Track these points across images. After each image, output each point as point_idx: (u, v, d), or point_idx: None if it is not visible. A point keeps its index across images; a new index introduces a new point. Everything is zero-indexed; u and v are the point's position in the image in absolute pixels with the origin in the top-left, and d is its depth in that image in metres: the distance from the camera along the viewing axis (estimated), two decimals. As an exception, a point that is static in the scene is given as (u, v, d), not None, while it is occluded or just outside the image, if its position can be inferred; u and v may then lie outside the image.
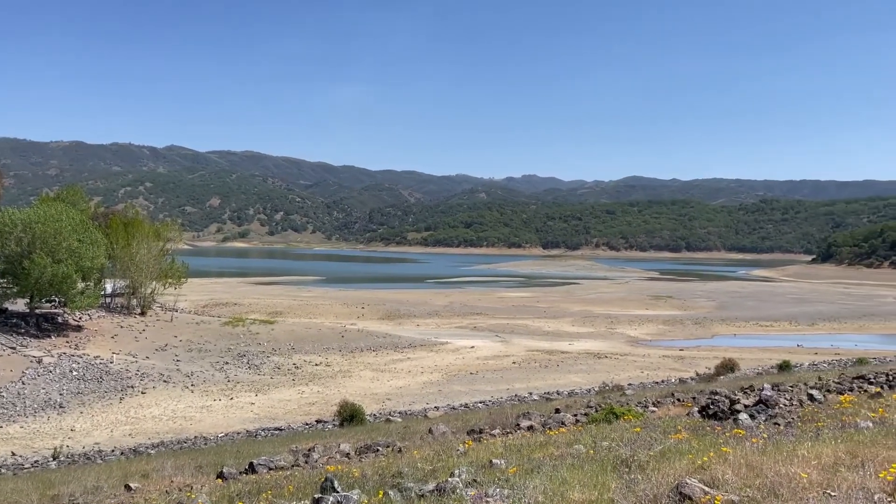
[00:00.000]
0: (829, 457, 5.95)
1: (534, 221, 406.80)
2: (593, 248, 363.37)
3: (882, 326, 77.67)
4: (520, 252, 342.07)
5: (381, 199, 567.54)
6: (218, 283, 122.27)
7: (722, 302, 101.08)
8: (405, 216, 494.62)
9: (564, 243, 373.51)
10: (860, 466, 5.61)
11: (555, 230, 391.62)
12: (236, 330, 60.19)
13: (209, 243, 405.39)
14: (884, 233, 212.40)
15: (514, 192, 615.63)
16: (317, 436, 23.46)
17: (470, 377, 46.54)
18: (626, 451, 7.29)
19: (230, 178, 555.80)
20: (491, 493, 5.68)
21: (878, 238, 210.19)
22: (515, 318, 78.60)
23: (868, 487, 5.02)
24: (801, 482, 5.20)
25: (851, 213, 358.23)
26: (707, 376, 36.65)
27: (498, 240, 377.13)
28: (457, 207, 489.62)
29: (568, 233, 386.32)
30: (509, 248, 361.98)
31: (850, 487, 5.04)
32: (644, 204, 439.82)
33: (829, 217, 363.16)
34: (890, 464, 5.40)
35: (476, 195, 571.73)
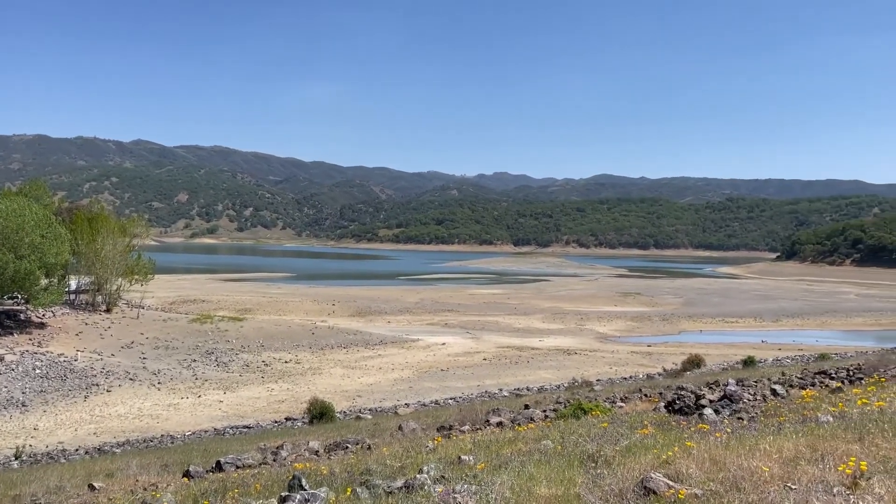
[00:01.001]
0: (790, 450, 6.06)
1: (505, 219, 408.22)
2: (564, 246, 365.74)
3: (843, 323, 79.43)
4: (491, 249, 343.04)
5: (352, 195, 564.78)
6: (186, 279, 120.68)
7: (689, 299, 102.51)
8: (376, 213, 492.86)
9: (535, 240, 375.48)
10: (820, 460, 5.73)
11: (526, 227, 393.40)
12: (204, 327, 59.48)
13: (177, 239, 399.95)
14: (845, 231, 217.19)
15: (485, 190, 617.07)
16: (286, 433, 23.30)
17: (441, 374, 46.59)
18: (592, 447, 7.36)
19: (198, 174, 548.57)
20: (459, 489, 5.70)
21: (840, 236, 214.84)
22: (486, 314, 78.84)
23: (827, 480, 5.13)
24: (763, 476, 5.29)
25: (815, 211, 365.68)
26: (674, 372, 37.16)
27: (469, 237, 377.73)
28: (428, 204, 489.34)
29: (539, 230, 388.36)
30: (481, 245, 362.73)
31: (809, 480, 5.15)
32: (613, 202, 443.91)
33: (794, 215, 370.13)
34: (849, 457, 5.52)
35: (448, 192, 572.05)
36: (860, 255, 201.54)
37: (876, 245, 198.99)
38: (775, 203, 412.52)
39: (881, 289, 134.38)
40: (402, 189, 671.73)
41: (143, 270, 68.44)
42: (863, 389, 11.08)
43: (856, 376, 16.72)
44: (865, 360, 23.53)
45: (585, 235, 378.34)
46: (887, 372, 16.62)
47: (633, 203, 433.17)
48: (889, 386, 11.31)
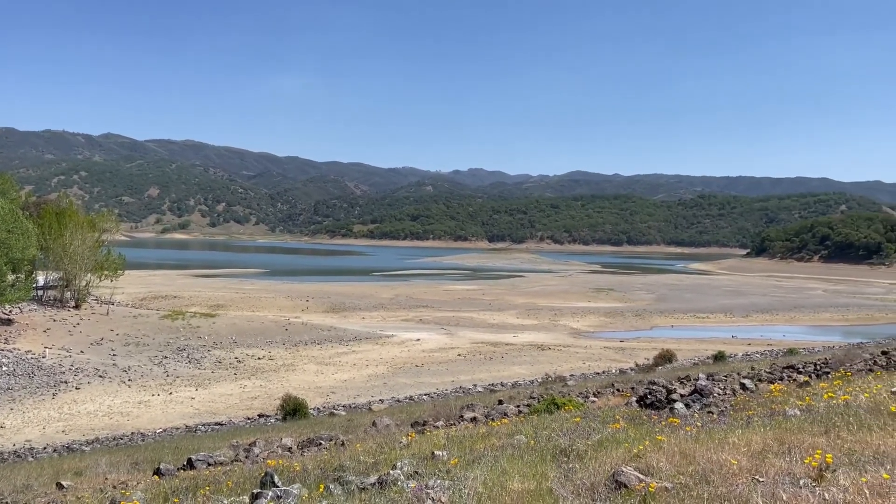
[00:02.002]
0: (758, 444, 6.15)
1: (480, 215, 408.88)
2: (538, 242, 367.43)
3: (811, 318, 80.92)
4: (466, 245, 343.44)
5: (326, 190, 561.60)
6: (157, 275, 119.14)
7: (661, 294, 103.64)
8: (351, 208, 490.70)
9: (510, 237, 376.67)
10: (787, 453, 5.82)
11: (500, 224, 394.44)
12: (176, 323, 58.80)
13: (148, 234, 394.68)
14: (814, 228, 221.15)
15: (460, 186, 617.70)
16: (259, 430, 23.13)
17: (415, 370, 46.59)
18: (565, 441, 7.41)
19: (170, 168, 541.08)
20: (432, 484, 5.70)
21: (808, 233, 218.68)
22: (461, 310, 78.96)
23: (794, 473, 5.22)
24: (732, 468, 5.37)
25: (784, 208, 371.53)
26: (646, 367, 37.54)
27: (444, 233, 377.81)
28: (403, 200, 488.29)
29: (513, 226, 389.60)
30: (455, 241, 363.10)
31: (777, 473, 5.23)
32: (587, 198, 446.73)
33: (763, 212, 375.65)
34: (815, 450, 5.62)
35: (423, 188, 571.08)
36: (828, 251, 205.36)
37: (843, 242, 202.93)
38: (746, 200, 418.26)
39: (848, 285, 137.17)
40: (376, 185, 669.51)
41: (112, 266, 67.43)
42: (829, 383, 11.29)
43: (823, 371, 17.01)
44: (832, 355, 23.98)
45: (559, 232, 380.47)
46: (853, 366, 16.94)
47: (606, 200, 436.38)
48: (854, 380, 11.53)
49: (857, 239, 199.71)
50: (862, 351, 25.86)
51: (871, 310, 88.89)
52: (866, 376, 12.59)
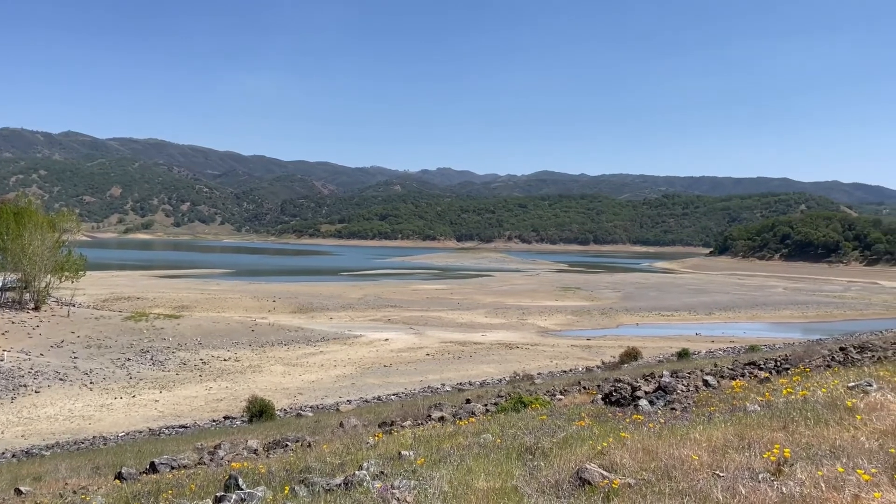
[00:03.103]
0: (719, 439, 6.26)
1: (448, 214, 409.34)
2: (506, 241, 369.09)
3: (772, 315, 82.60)
4: (434, 245, 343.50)
5: (293, 190, 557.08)
6: (119, 276, 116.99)
7: (627, 293, 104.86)
8: (318, 208, 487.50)
9: (478, 236, 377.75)
10: (747, 448, 5.93)
11: (469, 223, 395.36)
12: (139, 325, 57.82)
13: (110, 235, 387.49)
14: (774, 227, 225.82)
15: (428, 185, 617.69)
16: (224, 433, 22.85)
17: (384, 370, 46.46)
18: (530, 439, 7.46)
19: (132, 167, 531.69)
20: (397, 484, 5.69)
21: (769, 232, 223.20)
22: (430, 310, 78.95)
23: (753, 467, 5.32)
24: (693, 464, 5.46)
25: (746, 208, 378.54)
26: (612, 364, 37.95)
27: (413, 232, 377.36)
28: (371, 200, 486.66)
29: (482, 226, 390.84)
30: (424, 240, 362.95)
31: (736, 468, 5.33)
32: (554, 198, 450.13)
33: (726, 212, 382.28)
34: (774, 445, 5.73)
35: (391, 187, 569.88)
36: (788, 250, 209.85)
37: (803, 241, 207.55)
38: (709, 200, 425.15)
39: (807, 282, 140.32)
40: (344, 184, 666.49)
41: (73, 267, 66.04)
42: (789, 379, 11.52)
43: (783, 367, 17.37)
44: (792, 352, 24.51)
45: (527, 231, 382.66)
46: (812, 362, 17.34)
47: (573, 199, 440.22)
48: (813, 376, 11.79)
49: (817, 238, 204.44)
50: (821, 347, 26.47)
51: (829, 307, 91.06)
52: (824, 372, 12.88)
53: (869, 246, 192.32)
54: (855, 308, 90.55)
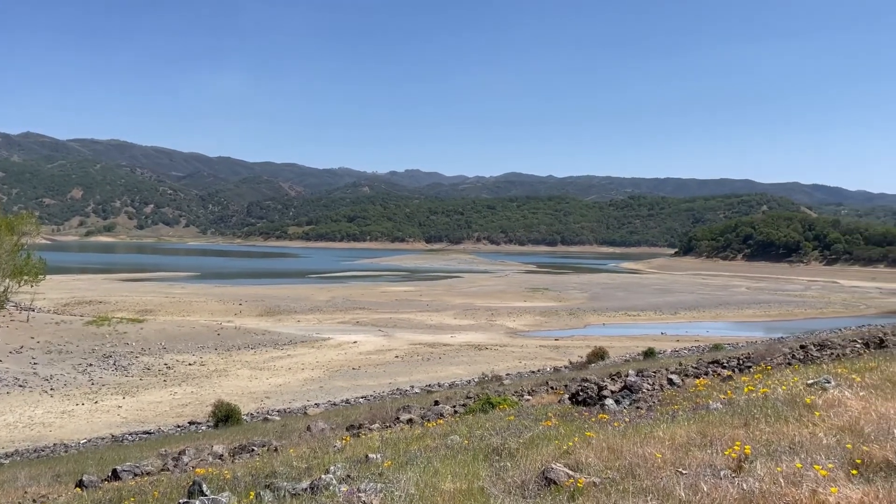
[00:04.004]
0: (682, 437, 6.35)
1: (417, 216, 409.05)
2: (475, 243, 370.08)
3: (735, 314, 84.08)
4: (403, 246, 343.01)
5: (259, 191, 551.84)
6: (81, 280, 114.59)
7: (594, 293, 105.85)
8: (285, 210, 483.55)
9: (447, 237, 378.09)
10: (709, 445, 6.02)
11: (438, 224, 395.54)
12: (101, 329, 56.71)
13: (71, 238, 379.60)
14: (737, 227, 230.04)
15: (397, 187, 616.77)
16: (189, 438, 22.52)
17: (352, 372, 46.22)
18: (497, 440, 7.48)
19: (94, 169, 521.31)
20: (364, 487, 5.67)
21: (732, 233, 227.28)
22: (399, 312, 78.77)
23: (715, 464, 5.40)
24: (657, 462, 5.53)
25: (709, 209, 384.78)
26: (580, 364, 38.28)
27: (381, 234, 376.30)
28: (339, 201, 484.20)
29: (450, 227, 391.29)
30: (393, 242, 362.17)
31: (699, 465, 5.41)
32: (522, 199, 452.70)
33: (690, 213, 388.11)
34: (735, 442, 5.83)
35: (359, 189, 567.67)
36: (750, 250, 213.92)
37: (764, 241, 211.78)
38: (673, 201, 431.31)
39: (769, 282, 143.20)
40: (312, 186, 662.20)
41: (32, 271, 64.30)
42: (751, 377, 11.74)
43: (745, 365, 17.69)
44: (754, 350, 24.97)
45: (496, 232, 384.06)
46: (773, 360, 17.69)
47: (541, 201, 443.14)
48: (774, 373, 12.02)
49: (778, 238, 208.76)
50: (782, 345, 27.02)
51: (790, 306, 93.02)
52: (785, 370, 13.14)
53: (828, 246, 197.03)
54: (815, 307, 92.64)
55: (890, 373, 8.76)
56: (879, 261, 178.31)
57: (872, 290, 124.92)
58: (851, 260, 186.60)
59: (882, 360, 10.80)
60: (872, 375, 8.74)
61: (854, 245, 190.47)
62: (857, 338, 22.46)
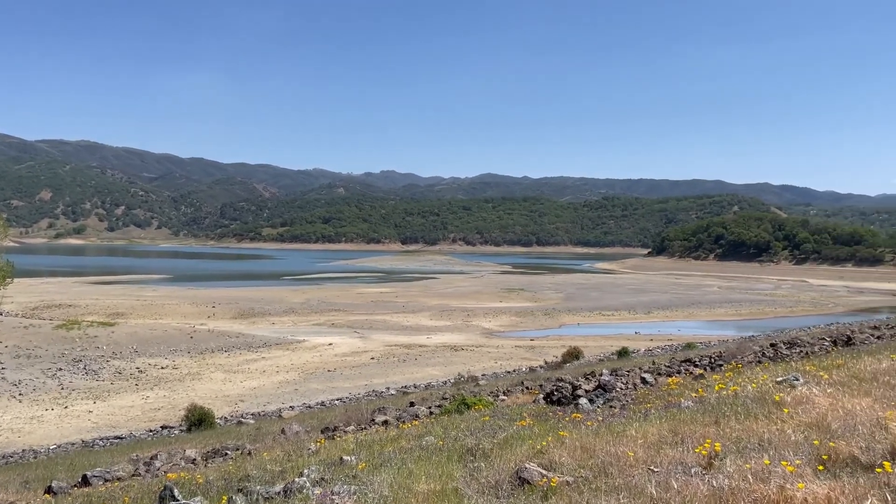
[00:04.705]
0: (654, 435, 6.42)
1: (392, 217, 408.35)
2: (450, 244, 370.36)
3: (708, 313, 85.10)
4: (379, 248, 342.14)
5: (233, 193, 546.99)
6: (50, 283, 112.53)
7: (569, 293, 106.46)
8: (259, 211, 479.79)
9: (423, 238, 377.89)
10: (680, 443, 6.10)
11: (413, 226, 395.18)
12: (71, 333, 55.77)
13: (39, 240, 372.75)
14: (709, 228, 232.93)
15: (372, 188, 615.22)
16: (161, 443, 22.24)
17: (328, 375, 45.98)
18: (472, 441, 7.50)
19: (63, 170, 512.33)
20: (337, 490, 5.64)
21: (704, 233, 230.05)
22: (374, 313, 78.52)
23: (686, 462, 5.47)
24: (629, 460, 5.58)
25: (682, 209, 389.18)
26: (555, 364, 38.47)
27: (357, 235, 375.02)
28: (314, 202, 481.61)
29: (426, 228, 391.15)
30: (368, 243, 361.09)
31: (670, 463, 5.47)
32: (498, 200, 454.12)
33: (663, 213, 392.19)
34: (705, 439, 5.90)
35: (334, 190, 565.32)
36: (722, 250, 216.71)
37: (735, 241, 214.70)
38: (647, 202, 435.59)
39: (740, 281, 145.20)
40: (286, 187, 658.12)
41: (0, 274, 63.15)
42: (722, 375, 11.90)
43: (717, 363, 17.93)
44: (726, 348, 25.30)
45: (471, 233, 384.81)
46: (744, 358, 17.95)
47: (516, 202, 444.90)
48: (745, 371, 12.20)
49: (749, 238, 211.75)
50: (753, 344, 27.43)
51: (761, 305, 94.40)
52: (755, 368, 13.34)
53: (798, 245, 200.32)
54: (785, 305, 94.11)
55: (857, 370, 8.93)
56: (847, 260, 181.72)
57: (840, 288, 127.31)
58: (820, 259, 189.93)
59: (849, 358, 11.02)
60: (840, 373, 8.91)
61: (822, 245, 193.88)
62: (825, 336, 22.89)
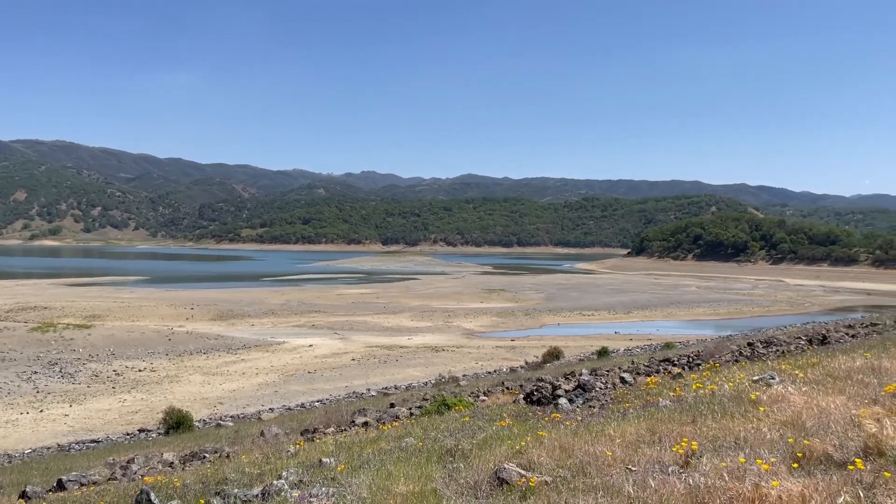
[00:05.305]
0: (632, 434, 6.45)
1: (373, 218, 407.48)
2: (431, 244, 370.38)
3: (686, 313, 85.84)
4: (359, 248, 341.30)
5: (211, 193, 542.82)
6: (25, 285, 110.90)
7: (549, 294, 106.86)
8: (238, 212, 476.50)
9: (403, 239, 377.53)
10: (658, 442, 6.14)
11: (394, 226, 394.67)
12: (47, 336, 55.01)
13: (14, 242, 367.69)
14: (687, 228, 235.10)
15: (353, 189, 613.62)
16: (138, 446, 21.99)
17: (308, 376, 45.74)
18: (451, 441, 7.49)
19: (38, 170, 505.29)
20: (316, 492, 5.62)
21: (682, 233, 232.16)
22: (355, 314, 78.27)
23: (663, 461, 5.50)
24: (607, 460, 5.61)
25: (661, 210, 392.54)
26: (535, 364, 38.58)
27: (337, 236, 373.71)
28: (294, 203, 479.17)
29: (407, 229, 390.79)
30: (349, 244, 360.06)
31: (647, 461, 5.50)
32: (479, 201, 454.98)
33: (642, 214, 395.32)
34: (682, 438, 5.95)
35: (314, 191, 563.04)
36: (700, 250, 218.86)
37: (713, 241, 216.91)
38: (626, 202, 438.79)
39: (718, 281, 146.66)
40: (265, 187, 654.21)
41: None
42: (699, 374, 12.00)
43: (695, 363, 18.08)
44: (704, 348, 25.55)
45: (452, 234, 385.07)
46: (722, 358, 18.12)
47: (497, 202, 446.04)
48: (722, 370, 12.31)
49: (727, 238, 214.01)
50: (730, 343, 27.72)
51: (739, 304, 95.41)
52: (732, 367, 13.47)
53: (774, 245, 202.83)
54: (762, 305, 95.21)
55: (831, 368, 9.04)
56: (823, 259, 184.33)
57: (816, 288, 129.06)
58: (796, 259, 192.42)
59: (824, 356, 11.16)
60: (815, 371, 9.02)
61: (799, 244, 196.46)
62: (801, 335, 23.19)
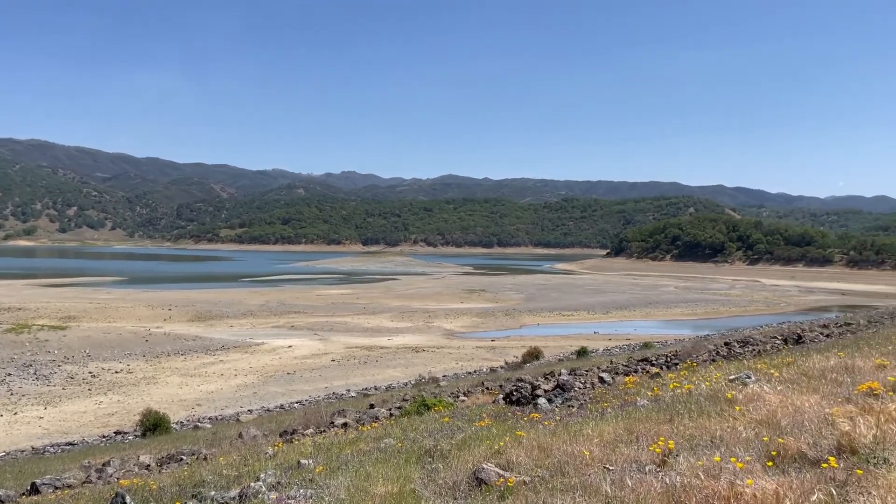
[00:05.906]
0: (609, 434, 6.49)
1: (353, 218, 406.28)
2: (412, 245, 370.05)
3: (664, 313, 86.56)
4: (339, 249, 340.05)
5: (190, 193, 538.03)
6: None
7: (529, 294, 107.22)
8: (217, 212, 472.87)
9: (384, 240, 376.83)
10: (635, 441, 6.17)
11: (374, 227, 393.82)
12: (21, 337, 54.18)
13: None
14: (666, 229, 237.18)
15: (333, 189, 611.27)
16: (114, 449, 21.72)
17: (287, 377, 45.48)
18: (430, 442, 7.49)
19: (12, 170, 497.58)
20: (293, 494, 5.58)
21: (661, 234, 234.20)
22: (335, 315, 77.96)
23: (641, 460, 5.54)
24: (585, 459, 5.63)
25: (640, 211, 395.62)
26: (515, 364, 38.68)
27: (317, 236, 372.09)
28: (273, 203, 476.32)
29: (387, 229, 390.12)
30: (329, 244, 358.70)
31: (625, 461, 5.53)
32: (459, 202, 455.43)
33: (622, 214, 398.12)
34: (659, 437, 5.99)
35: (294, 191, 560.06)
36: (678, 250, 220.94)
37: (691, 242, 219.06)
38: (605, 203, 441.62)
39: (696, 281, 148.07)
40: (244, 187, 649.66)
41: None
42: (677, 374, 12.10)
43: (673, 362, 18.26)
44: (682, 347, 25.79)
45: (433, 234, 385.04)
46: (699, 357, 18.31)
47: (477, 203, 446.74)
48: (699, 370, 12.43)
49: (704, 239, 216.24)
50: (707, 343, 27.99)
51: (716, 304, 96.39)
52: (709, 366, 13.61)
53: (751, 246, 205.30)
54: (739, 305, 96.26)
55: (806, 367, 9.16)
56: (798, 260, 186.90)
57: (792, 288, 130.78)
58: (772, 259, 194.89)
59: (799, 356, 11.31)
60: (790, 370, 9.13)
61: (775, 245, 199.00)
62: (777, 334, 23.48)
